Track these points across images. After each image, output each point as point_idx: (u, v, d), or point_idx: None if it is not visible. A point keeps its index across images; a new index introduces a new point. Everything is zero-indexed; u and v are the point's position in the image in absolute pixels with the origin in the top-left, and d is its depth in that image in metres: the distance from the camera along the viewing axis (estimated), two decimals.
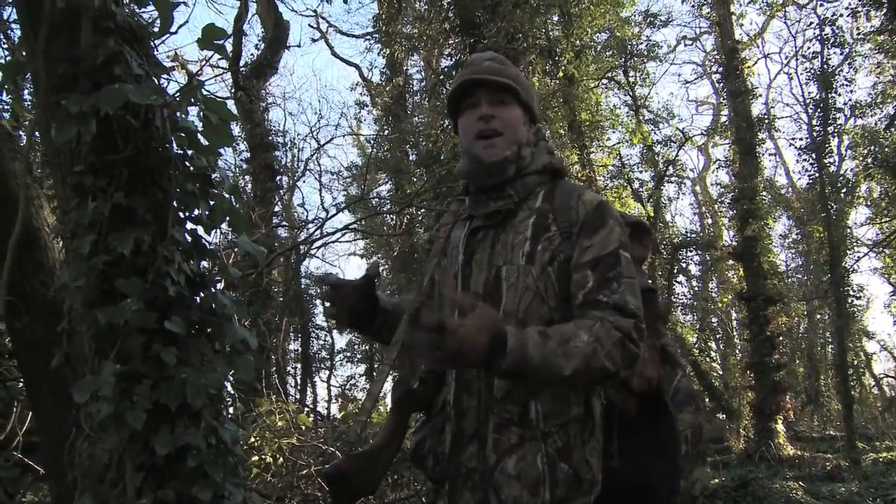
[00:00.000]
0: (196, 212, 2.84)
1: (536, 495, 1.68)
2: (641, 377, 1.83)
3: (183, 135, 2.80)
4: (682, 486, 1.78)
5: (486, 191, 1.92)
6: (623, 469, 1.76)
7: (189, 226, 2.86)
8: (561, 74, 12.96)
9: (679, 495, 1.79)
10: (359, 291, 1.86)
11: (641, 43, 17.44)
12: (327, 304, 1.88)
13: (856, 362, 21.55)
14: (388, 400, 2.01)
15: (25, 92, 5.80)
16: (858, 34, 15.21)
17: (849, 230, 18.64)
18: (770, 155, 24.37)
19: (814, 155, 14.94)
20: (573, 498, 1.71)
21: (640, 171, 18.44)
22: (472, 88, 1.94)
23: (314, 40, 22.79)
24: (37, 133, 3.08)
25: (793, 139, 21.86)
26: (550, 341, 1.58)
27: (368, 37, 19.24)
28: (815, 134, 15.25)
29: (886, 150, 14.76)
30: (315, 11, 21.03)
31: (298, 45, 27.91)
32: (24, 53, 2.85)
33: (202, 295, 2.82)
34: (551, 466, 1.70)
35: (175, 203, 2.76)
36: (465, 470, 1.75)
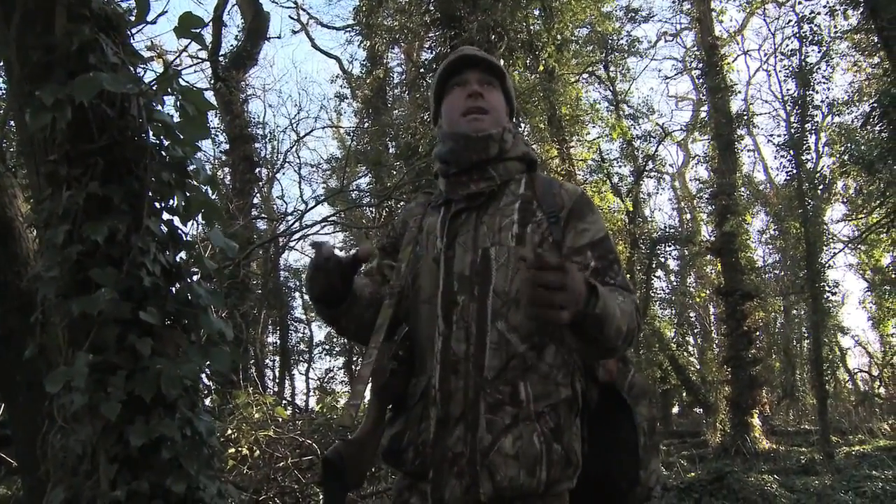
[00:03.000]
0: (172, 202, 2.83)
1: (533, 475, 1.67)
2: (605, 369, 1.85)
3: (159, 124, 2.77)
4: (642, 476, 1.79)
5: (467, 171, 1.92)
6: (584, 461, 1.77)
7: (165, 216, 2.84)
8: (541, 68, 12.98)
9: (639, 486, 1.80)
10: (342, 270, 1.81)
11: (622, 38, 17.53)
12: (310, 269, 1.83)
13: (831, 357, 21.76)
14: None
15: None
16: (836, 32, 15.33)
17: (825, 226, 18.79)
18: (749, 151, 24.60)
19: (791, 151, 15.05)
20: (563, 481, 1.71)
21: (620, 166, 18.57)
22: (461, 68, 2.02)
23: (294, 32, 22.59)
24: (10, 121, 3.04)
25: (771, 136, 22.01)
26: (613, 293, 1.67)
27: (349, 29, 19.18)
28: (793, 131, 15.37)
29: (863, 147, 14.87)
30: (296, 2, 20.93)
31: (279, 37, 27.64)
32: None
33: (178, 286, 2.81)
34: (548, 446, 1.69)
35: (151, 193, 2.74)
36: (451, 455, 1.72)
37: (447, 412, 1.75)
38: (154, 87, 2.72)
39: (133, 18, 2.84)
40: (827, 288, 16.33)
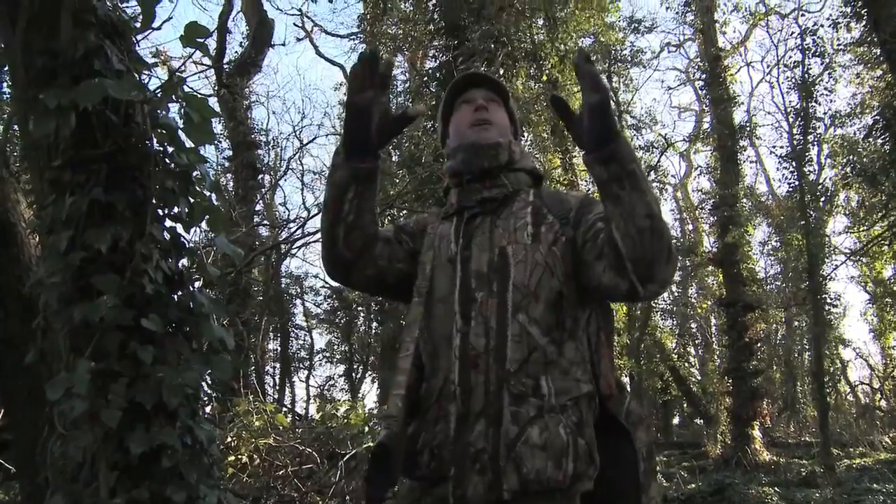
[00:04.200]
0: (175, 209, 2.82)
1: (559, 467, 1.65)
2: (606, 380, 1.85)
3: (163, 131, 2.77)
4: (643, 501, 1.77)
5: (480, 179, 1.96)
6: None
7: (168, 223, 2.84)
8: (545, 78, 12.99)
9: None
10: (384, 116, 1.83)
11: (625, 48, 17.56)
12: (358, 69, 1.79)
13: (832, 369, 21.77)
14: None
15: (3, 85, 5.73)
16: (839, 45, 15.37)
17: (827, 238, 18.79)
18: (751, 162, 24.67)
19: (794, 163, 15.06)
20: (584, 479, 1.69)
21: None
22: (467, 87, 2.09)
23: (299, 39, 22.71)
24: (15, 126, 3.04)
25: (773, 147, 22.01)
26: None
27: (353, 37, 19.20)
28: (795, 142, 15.37)
29: (865, 159, 14.91)
30: (300, 10, 21.00)
31: (283, 44, 27.99)
32: (1, 46, 2.82)
33: (180, 293, 2.80)
34: (573, 438, 1.68)
35: (154, 200, 2.73)
36: (472, 451, 1.69)
37: (468, 408, 1.73)
38: (159, 94, 2.72)
39: (138, 25, 2.84)
40: (828, 300, 16.36)
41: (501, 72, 11.10)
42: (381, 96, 1.81)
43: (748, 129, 18.00)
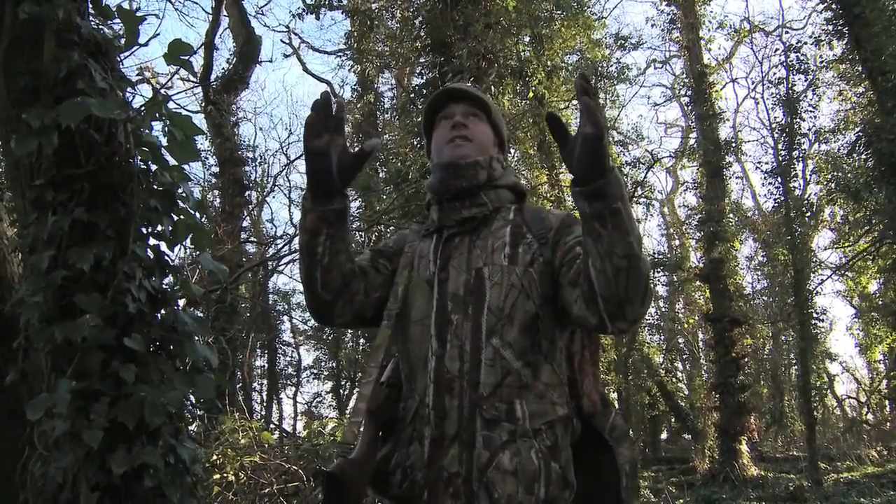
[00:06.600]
0: (159, 228, 2.81)
1: (531, 492, 1.65)
2: (589, 399, 1.85)
3: (147, 150, 2.77)
4: None
5: (460, 198, 1.93)
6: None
7: (152, 242, 2.83)
8: (531, 95, 13.04)
9: None
10: (341, 154, 1.78)
11: (612, 65, 17.66)
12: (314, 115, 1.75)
13: (818, 384, 21.75)
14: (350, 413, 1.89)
15: None
16: (822, 62, 15.53)
17: (813, 253, 18.91)
18: (737, 178, 24.76)
19: (779, 179, 15.16)
20: (559, 502, 1.69)
21: None
22: (447, 102, 2.04)
23: (286, 56, 22.79)
24: None
25: (759, 163, 22.21)
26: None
27: (340, 53, 19.29)
28: (780, 158, 15.47)
29: (849, 175, 15.04)
30: (287, 27, 21.01)
31: (270, 61, 27.93)
32: None
33: (163, 312, 2.79)
34: (545, 463, 1.68)
35: (137, 219, 2.72)
36: (446, 475, 1.70)
37: (442, 431, 1.73)
38: (142, 113, 2.72)
39: (123, 43, 2.84)
40: (815, 314, 16.38)
41: (492, 89, 11.13)
42: (338, 137, 1.79)
43: (734, 144, 18.12)
